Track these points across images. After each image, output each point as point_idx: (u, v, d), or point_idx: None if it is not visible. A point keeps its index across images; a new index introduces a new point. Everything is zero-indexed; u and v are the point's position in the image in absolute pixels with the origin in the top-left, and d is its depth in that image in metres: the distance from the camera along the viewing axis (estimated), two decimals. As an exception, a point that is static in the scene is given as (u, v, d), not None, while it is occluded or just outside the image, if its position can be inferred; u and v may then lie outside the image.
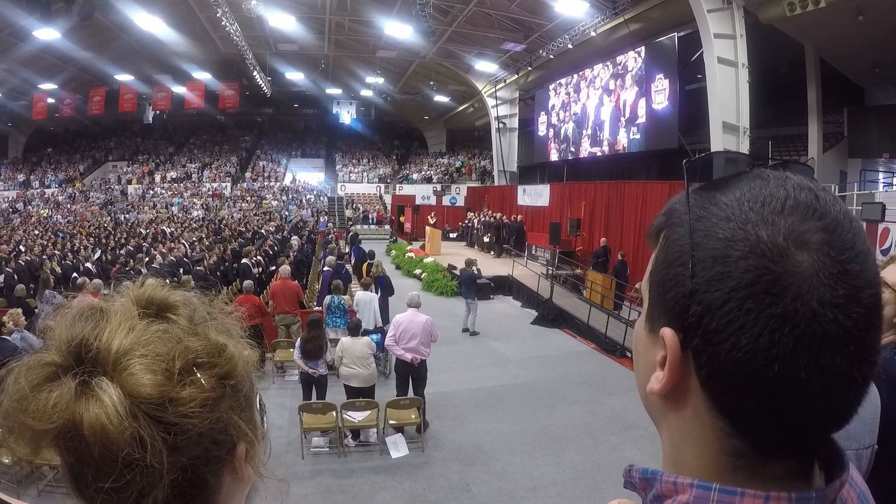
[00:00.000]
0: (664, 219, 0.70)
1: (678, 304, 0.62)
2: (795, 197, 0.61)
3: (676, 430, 0.68)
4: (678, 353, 0.62)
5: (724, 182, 0.66)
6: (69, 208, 39.57)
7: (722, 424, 0.62)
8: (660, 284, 0.66)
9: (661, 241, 0.69)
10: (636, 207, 18.95)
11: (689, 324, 0.61)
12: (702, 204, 0.64)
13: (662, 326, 0.64)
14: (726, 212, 0.62)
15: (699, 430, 0.65)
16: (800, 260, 0.57)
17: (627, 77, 22.43)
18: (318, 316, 9.04)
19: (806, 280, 0.56)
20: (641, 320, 0.72)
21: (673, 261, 0.64)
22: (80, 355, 0.69)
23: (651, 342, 0.69)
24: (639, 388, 0.75)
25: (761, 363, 0.56)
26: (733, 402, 0.60)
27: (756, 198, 0.61)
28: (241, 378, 0.78)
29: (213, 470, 0.74)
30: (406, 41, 25.98)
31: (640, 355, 0.73)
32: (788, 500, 0.60)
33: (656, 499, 0.67)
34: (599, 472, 7.30)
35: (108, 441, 0.64)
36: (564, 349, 13.45)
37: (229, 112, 43.75)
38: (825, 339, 0.56)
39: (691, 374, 0.63)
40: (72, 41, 25.69)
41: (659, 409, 0.70)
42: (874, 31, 14.97)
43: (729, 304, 0.58)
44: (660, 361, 0.65)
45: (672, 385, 0.64)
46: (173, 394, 0.68)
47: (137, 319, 0.74)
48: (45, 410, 0.66)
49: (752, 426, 0.61)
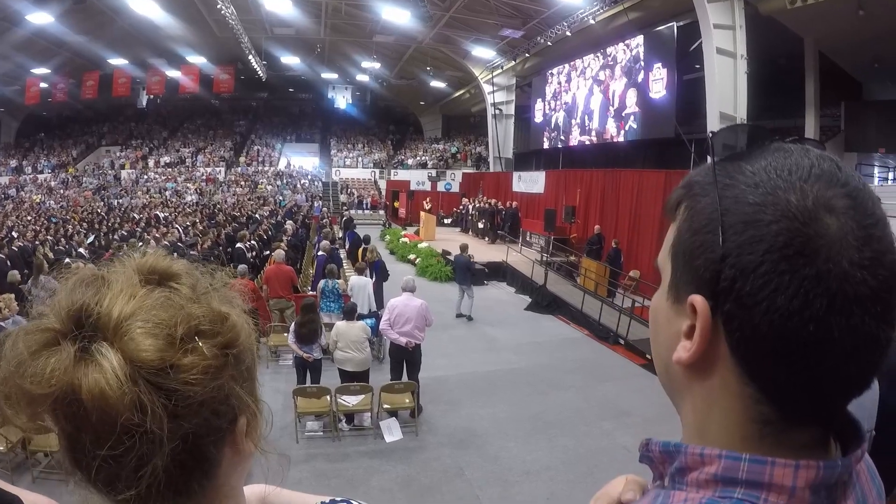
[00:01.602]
0: (684, 191, 0.71)
1: (708, 270, 0.62)
2: (820, 166, 0.62)
3: (701, 399, 0.68)
4: (708, 318, 0.63)
5: (748, 153, 0.67)
6: (62, 193, 39.31)
7: (751, 391, 0.63)
8: (686, 253, 0.66)
9: (683, 212, 0.69)
10: (631, 196, 18.96)
11: (721, 289, 0.61)
12: (728, 173, 0.65)
13: (690, 294, 0.64)
14: (754, 179, 0.62)
15: (726, 399, 0.65)
16: (828, 223, 0.58)
17: (617, 68, 22.54)
18: (312, 300, 9.06)
19: (836, 242, 0.57)
20: (662, 293, 0.72)
21: (700, 228, 0.65)
22: (80, 321, 0.68)
23: (675, 313, 0.69)
24: (657, 362, 0.76)
25: (796, 324, 0.57)
26: (766, 366, 0.61)
27: (783, 166, 0.62)
28: (243, 348, 0.77)
29: (214, 442, 0.73)
30: (403, 26, 25.83)
31: (662, 327, 0.72)
32: (818, 469, 0.61)
33: (679, 472, 0.67)
34: (592, 458, 7.36)
35: (108, 406, 0.63)
36: (558, 335, 13.51)
37: (224, 96, 43.51)
38: (856, 298, 0.57)
39: (721, 340, 0.63)
40: (65, 25, 25.48)
41: (682, 379, 0.69)
42: (874, 26, 14.95)
43: (763, 267, 0.58)
44: (685, 331, 0.65)
45: (701, 353, 0.64)
46: (175, 360, 0.67)
47: (139, 287, 0.73)
48: (44, 375, 0.65)
49: (783, 390, 0.61)
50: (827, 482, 0.62)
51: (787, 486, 0.60)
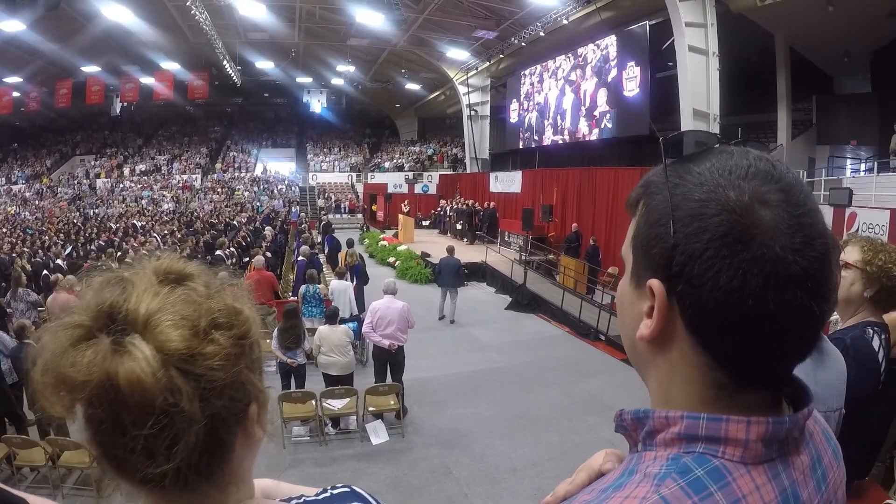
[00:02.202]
0: (642, 189, 0.80)
1: (663, 258, 0.72)
2: (756, 165, 0.71)
3: (664, 370, 0.77)
4: (665, 299, 0.72)
5: (696, 156, 0.76)
6: (37, 205, 38.72)
7: (706, 360, 0.72)
8: (644, 244, 0.76)
9: (641, 209, 0.78)
10: (607, 193, 19.14)
11: (674, 273, 0.70)
12: (678, 173, 0.74)
13: (649, 279, 0.73)
14: (699, 178, 0.72)
15: (685, 368, 0.74)
16: (762, 214, 0.67)
17: (588, 68, 22.90)
18: (294, 306, 9.04)
19: (769, 230, 0.67)
20: (626, 279, 0.82)
21: (655, 222, 0.74)
22: (111, 316, 0.76)
23: (637, 296, 0.78)
24: (624, 341, 0.85)
25: (737, 299, 0.66)
26: (715, 337, 0.70)
27: (724, 167, 0.72)
28: (254, 339, 0.86)
29: (230, 427, 0.80)
30: (377, 29, 25.76)
31: (626, 310, 0.82)
32: (767, 424, 0.70)
33: (649, 434, 0.76)
34: (577, 452, 7.41)
35: (144, 390, 0.71)
36: (539, 333, 13.60)
37: (198, 103, 43.14)
38: (788, 277, 0.66)
39: (676, 317, 0.72)
40: (37, 32, 25.08)
41: (646, 354, 0.79)
42: (844, 21, 15.24)
43: (707, 253, 0.67)
44: (646, 311, 0.75)
45: (660, 329, 0.74)
46: (199, 349, 0.76)
47: (160, 286, 0.81)
48: (83, 364, 0.72)
49: (732, 357, 0.71)
50: (777, 436, 0.72)
51: (741, 439, 0.70)
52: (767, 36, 17.61)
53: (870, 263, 2.35)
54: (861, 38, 16.55)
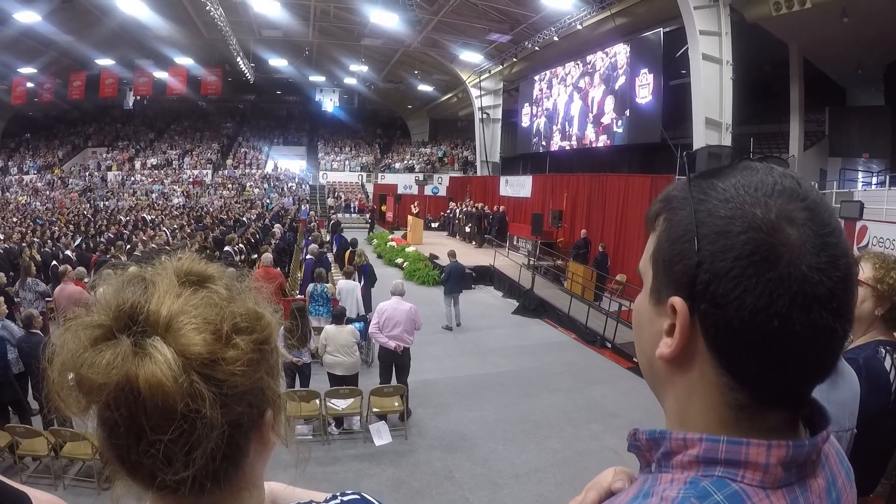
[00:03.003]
0: (663, 204, 0.78)
1: (686, 275, 0.70)
2: (782, 183, 0.70)
3: (683, 390, 0.75)
4: (687, 318, 0.70)
5: (720, 171, 0.74)
6: (48, 195, 38.97)
7: (726, 380, 0.71)
8: (666, 260, 0.74)
9: (662, 223, 0.77)
10: (618, 200, 19.05)
11: (698, 291, 0.69)
12: (702, 189, 0.73)
13: (670, 296, 0.72)
14: (725, 195, 0.70)
15: (705, 388, 0.73)
16: (789, 233, 0.66)
17: (596, 76, 23.04)
18: (301, 304, 9.06)
19: (796, 249, 0.66)
20: (644, 296, 0.80)
21: (678, 238, 0.72)
22: (132, 317, 0.75)
23: (657, 313, 0.76)
24: (640, 358, 0.83)
25: (763, 319, 0.65)
26: (738, 357, 0.69)
27: (750, 183, 0.70)
28: (274, 345, 0.86)
29: (246, 434, 0.80)
30: (391, 30, 25.83)
31: (645, 327, 0.80)
32: (787, 448, 0.69)
33: (665, 456, 0.74)
34: (580, 460, 7.41)
35: (165, 395, 0.70)
36: (545, 339, 13.56)
37: (211, 98, 43.24)
38: (814, 297, 0.65)
39: (698, 337, 0.71)
40: (52, 24, 25.28)
41: (665, 373, 0.77)
42: (858, 33, 15.16)
43: (734, 271, 0.66)
44: (667, 329, 0.73)
45: (681, 348, 0.72)
46: (221, 353, 0.75)
47: (181, 287, 0.79)
48: (101, 366, 0.71)
49: (754, 378, 0.69)
50: (797, 460, 0.70)
51: (761, 463, 0.68)
52: (782, 46, 17.54)
53: (881, 281, 2.32)
54: (875, 51, 16.47)
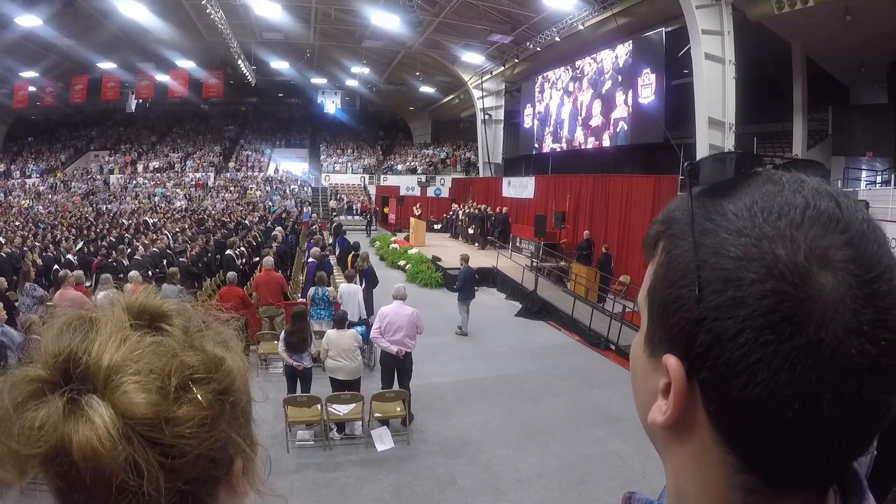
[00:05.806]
0: (662, 227, 0.63)
1: (683, 332, 0.55)
2: (816, 206, 0.53)
3: (681, 463, 0.61)
4: (684, 383, 0.56)
5: (732, 186, 0.58)
6: (50, 199, 39.04)
7: (733, 460, 0.56)
8: (661, 306, 0.59)
9: (661, 254, 0.62)
10: (621, 201, 19.03)
11: (697, 354, 0.54)
12: (707, 214, 0.57)
13: (665, 353, 0.58)
14: (737, 224, 0.54)
15: (706, 465, 0.58)
16: (823, 283, 0.50)
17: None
18: (302, 308, 8.99)
19: (830, 306, 0.49)
20: (640, 339, 0.66)
21: (675, 280, 0.57)
22: (67, 371, 0.64)
23: (652, 367, 0.62)
24: (639, 414, 0.67)
25: (780, 401, 0.50)
26: (747, 439, 0.54)
27: (771, 207, 0.54)
28: (239, 392, 0.73)
29: (209, 490, 0.69)
30: (393, 31, 25.85)
31: (640, 380, 0.66)
32: None
33: None
34: (584, 464, 7.35)
35: (101, 466, 0.59)
36: (549, 341, 13.52)
37: (213, 101, 43.25)
38: (850, 371, 0.49)
39: (698, 405, 0.56)
40: (54, 28, 25.31)
41: (661, 439, 0.63)
42: (861, 32, 15.08)
43: (743, 335, 0.51)
44: (662, 389, 0.59)
45: (677, 417, 0.58)
46: (169, 413, 0.63)
47: (129, 330, 0.68)
48: (31, 432, 0.61)
49: (767, 463, 0.55)
50: None
51: None
52: (784, 45, 17.48)
53: None
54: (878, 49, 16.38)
